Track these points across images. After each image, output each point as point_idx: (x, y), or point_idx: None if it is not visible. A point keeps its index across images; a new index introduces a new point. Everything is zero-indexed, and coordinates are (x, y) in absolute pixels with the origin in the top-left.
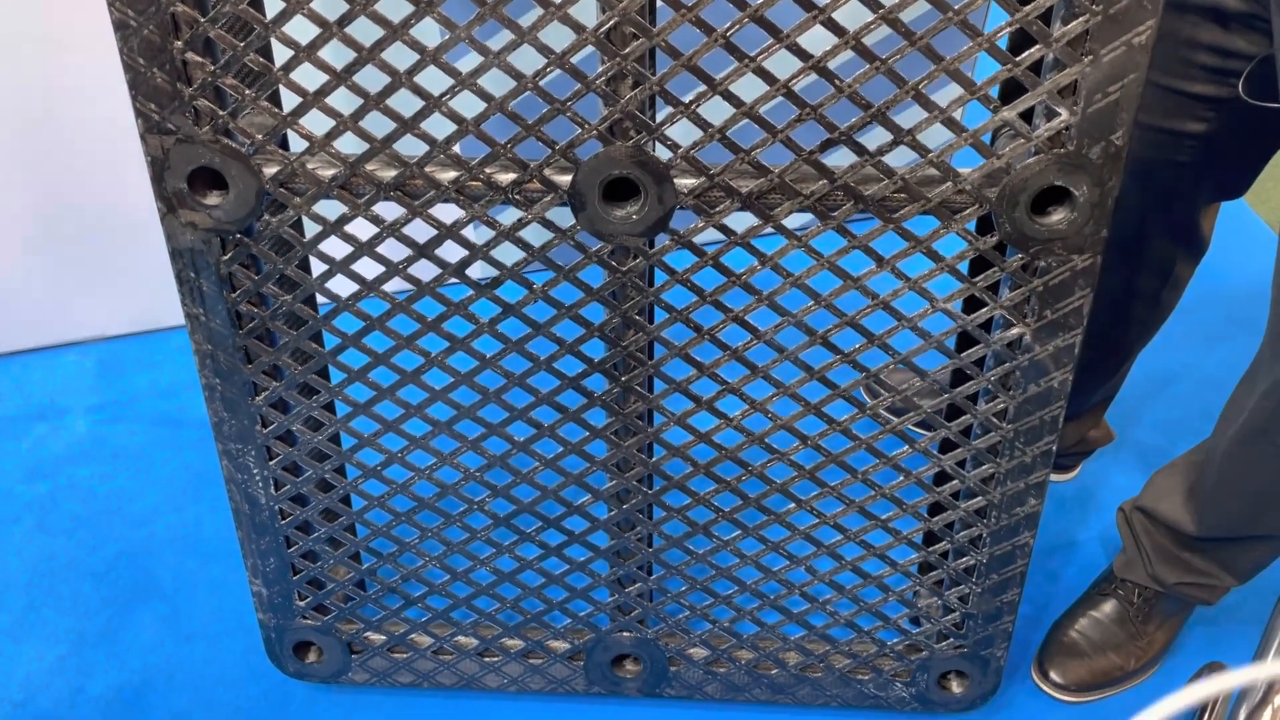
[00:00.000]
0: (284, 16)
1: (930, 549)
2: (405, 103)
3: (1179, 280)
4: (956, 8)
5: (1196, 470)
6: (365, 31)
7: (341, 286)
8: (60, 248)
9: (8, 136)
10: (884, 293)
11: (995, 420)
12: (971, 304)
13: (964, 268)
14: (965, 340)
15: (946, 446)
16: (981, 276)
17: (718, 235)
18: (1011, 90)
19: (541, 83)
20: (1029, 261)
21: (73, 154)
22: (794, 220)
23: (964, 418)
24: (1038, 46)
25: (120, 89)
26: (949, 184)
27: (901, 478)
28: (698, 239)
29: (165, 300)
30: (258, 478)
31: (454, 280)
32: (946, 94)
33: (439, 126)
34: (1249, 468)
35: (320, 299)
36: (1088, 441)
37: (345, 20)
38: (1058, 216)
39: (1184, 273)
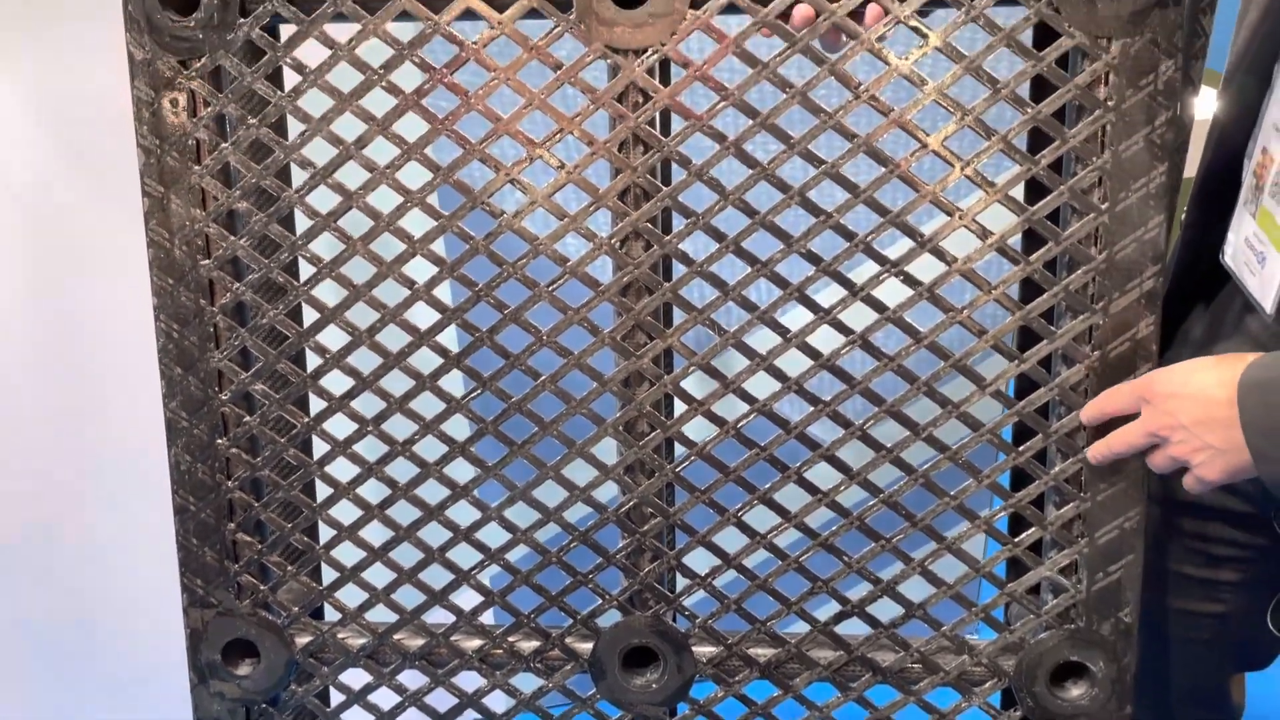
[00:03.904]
0: (331, 500)
1: None
2: (435, 575)
3: None
4: (953, 493)
5: None
6: (403, 512)
7: None
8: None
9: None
10: None
11: None
12: None
13: None
14: None
15: None
16: None
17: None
18: (1015, 568)
19: (565, 556)
20: None
21: (109, 611)
22: (814, 688)
23: None
24: (1034, 529)
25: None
26: (965, 657)
27: None
28: (718, 708)
29: None
30: None
31: None
32: (954, 564)
33: (466, 597)
34: None
35: None
36: None
37: (387, 503)
38: (1078, 691)
39: None
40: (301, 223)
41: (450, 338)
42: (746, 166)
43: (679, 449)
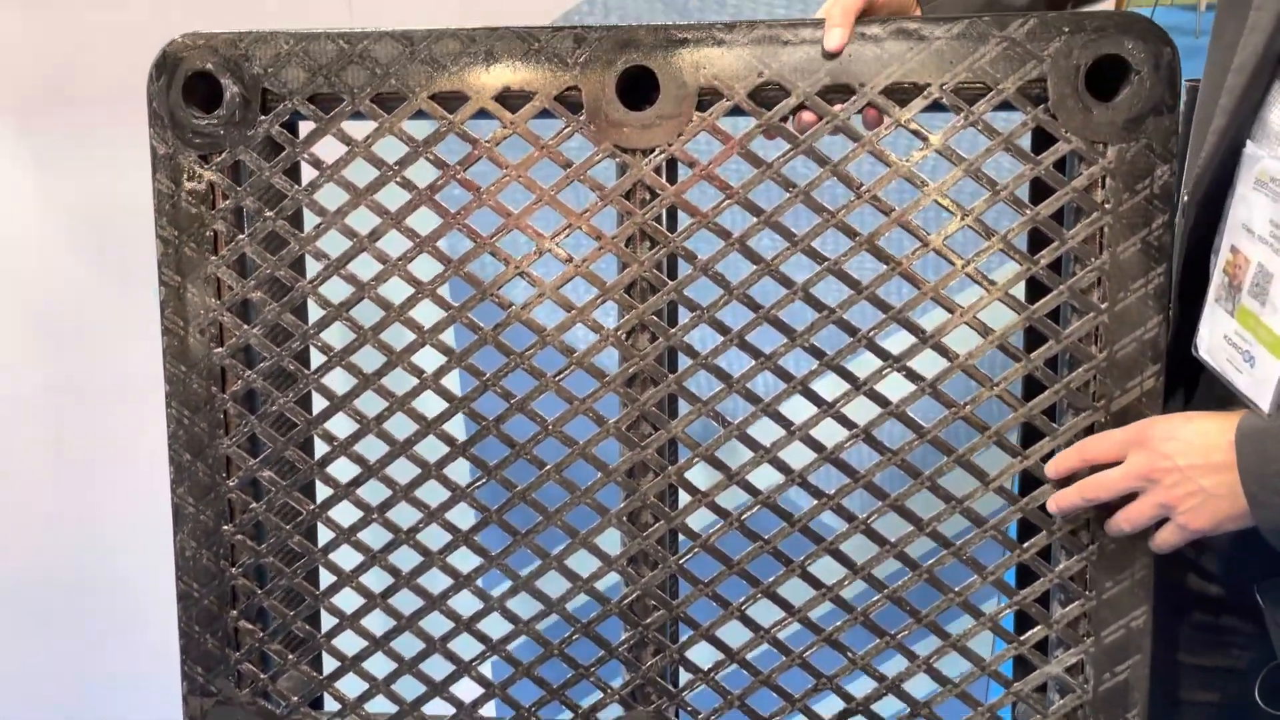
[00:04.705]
0: (334, 588)
1: None
2: (435, 666)
3: None
4: (958, 589)
5: None
6: (406, 601)
7: None
8: None
9: None
10: None
11: None
12: None
13: None
14: None
15: None
16: None
17: None
18: (1021, 666)
19: (566, 648)
20: None
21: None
22: None
23: None
24: (1039, 627)
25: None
26: None
27: None
28: None
29: None
30: None
31: None
32: (960, 661)
33: (467, 689)
34: None
35: None
36: None
37: (389, 592)
38: None
39: None
40: (314, 312)
41: (457, 425)
42: (751, 262)
43: (682, 540)
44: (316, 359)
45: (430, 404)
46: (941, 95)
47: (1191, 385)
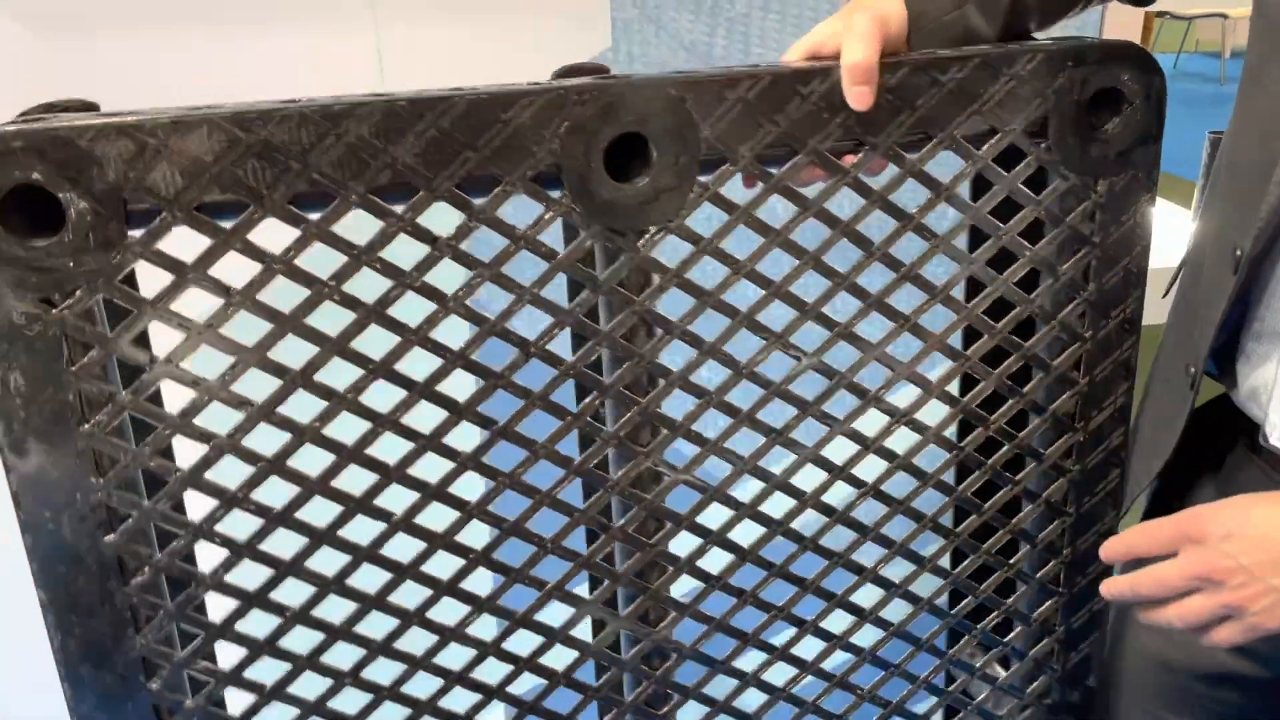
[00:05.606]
0: None
1: None
2: None
3: None
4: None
5: None
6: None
7: None
8: None
9: None
10: None
11: None
12: None
13: None
14: None
15: None
16: None
17: None
18: (1002, 664)
19: None
20: None
21: None
22: None
23: None
24: (1020, 628)
25: None
26: None
27: None
28: None
29: None
30: None
31: None
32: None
33: None
34: None
35: None
36: None
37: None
38: None
39: None
40: (240, 467)
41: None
42: (759, 338)
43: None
44: (249, 521)
45: (365, 530)
46: (951, 143)
47: (1218, 462)
